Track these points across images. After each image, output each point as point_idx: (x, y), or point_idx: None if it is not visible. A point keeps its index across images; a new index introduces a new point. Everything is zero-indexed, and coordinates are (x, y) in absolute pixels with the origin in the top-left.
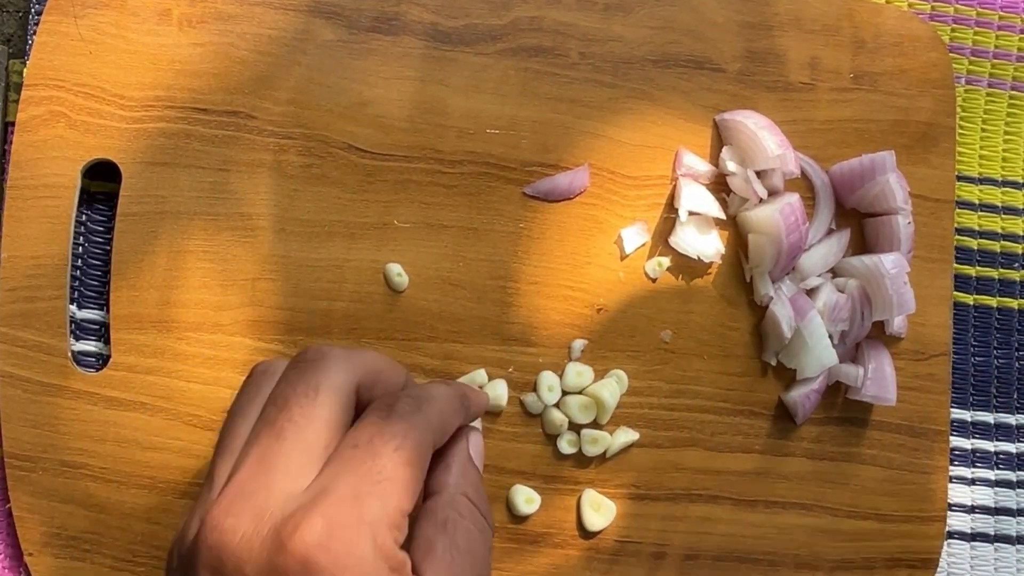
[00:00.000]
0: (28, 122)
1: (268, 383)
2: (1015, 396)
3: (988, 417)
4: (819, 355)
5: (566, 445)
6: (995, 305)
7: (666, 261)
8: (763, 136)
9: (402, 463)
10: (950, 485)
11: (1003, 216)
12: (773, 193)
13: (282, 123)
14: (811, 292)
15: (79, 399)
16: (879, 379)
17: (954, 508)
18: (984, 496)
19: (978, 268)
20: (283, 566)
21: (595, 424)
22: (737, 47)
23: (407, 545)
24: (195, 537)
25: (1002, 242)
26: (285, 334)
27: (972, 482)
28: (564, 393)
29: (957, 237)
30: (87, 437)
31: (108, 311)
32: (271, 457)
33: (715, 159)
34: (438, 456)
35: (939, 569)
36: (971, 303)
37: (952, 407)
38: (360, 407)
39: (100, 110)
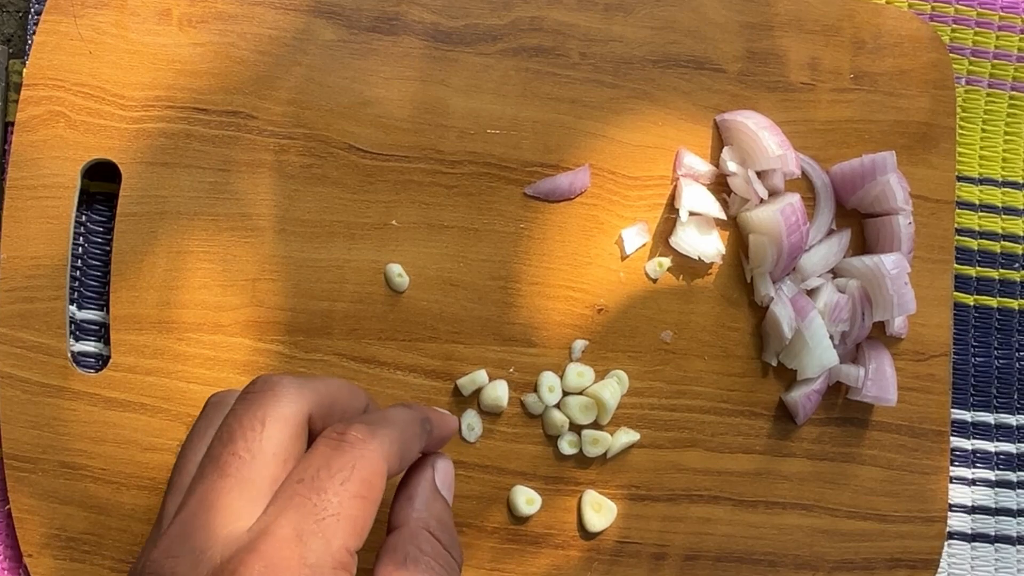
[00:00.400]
0: (28, 122)
1: (219, 416)
2: (1015, 396)
3: (988, 417)
4: (820, 356)
5: (567, 446)
6: (995, 305)
7: (667, 261)
8: (764, 136)
9: (349, 497)
10: (950, 485)
11: (1003, 216)
12: (774, 193)
13: (282, 123)
14: (812, 292)
15: (79, 400)
16: (879, 380)
17: (954, 508)
18: (984, 496)
19: (978, 268)
20: None
21: (596, 425)
22: (738, 47)
23: None
24: None
25: (1002, 242)
26: (285, 335)
27: (972, 482)
28: (565, 394)
29: (957, 237)
30: (87, 438)
31: (108, 312)
32: (214, 495)
33: (716, 159)
34: (402, 487)
35: (940, 569)
36: (971, 303)
37: (952, 407)
38: (316, 436)
39: (100, 110)
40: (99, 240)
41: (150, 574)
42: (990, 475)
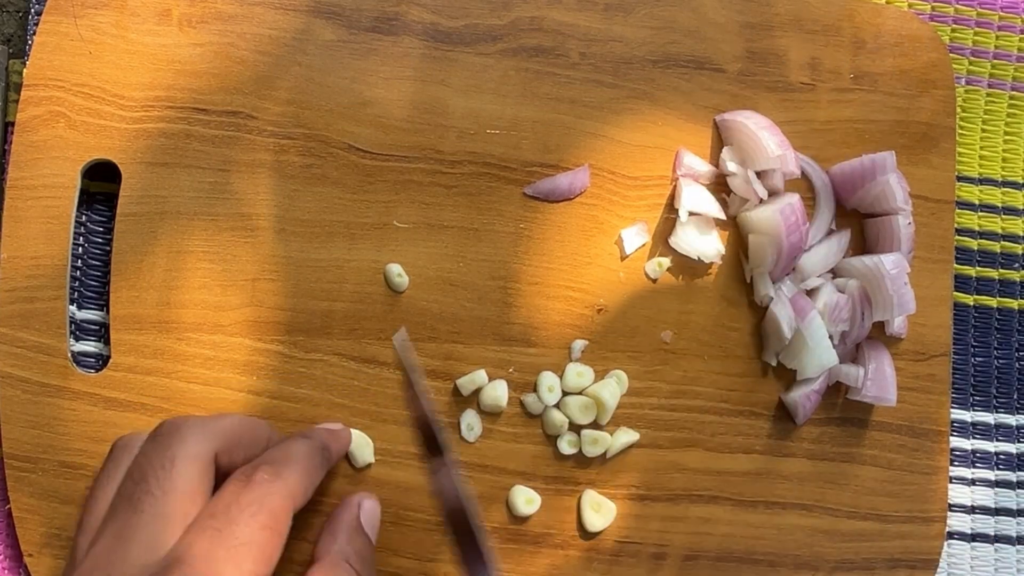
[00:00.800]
0: (28, 122)
1: (127, 458)
2: (1015, 396)
3: (988, 417)
4: (819, 356)
5: (566, 446)
6: (995, 305)
7: (666, 261)
8: (763, 136)
9: (258, 527)
10: (950, 485)
11: (1003, 216)
12: (773, 193)
13: (282, 123)
14: (811, 292)
15: (79, 400)
16: (879, 380)
17: (954, 508)
18: (984, 496)
19: (978, 268)
20: None
21: (595, 425)
22: (737, 47)
23: None
24: None
25: (1002, 242)
26: (285, 334)
27: (972, 482)
28: (564, 393)
29: (957, 237)
30: (87, 438)
31: (108, 312)
32: (128, 530)
33: (715, 159)
34: (327, 524)
35: (939, 569)
36: (971, 303)
37: (952, 407)
38: (221, 473)
39: (100, 110)
40: (99, 240)
41: None
42: (990, 475)
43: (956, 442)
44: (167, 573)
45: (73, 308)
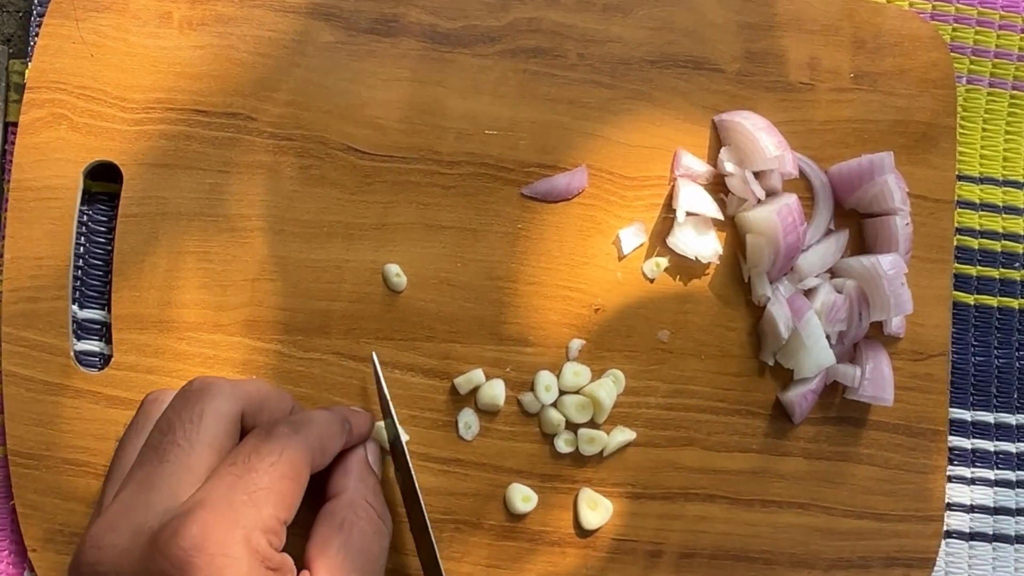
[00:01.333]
0: (30, 124)
1: (157, 412)
2: (1015, 396)
3: (988, 417)
4: (816, 355)
5: (563, 444)
6: (996, 305)
7: (664, 261)
8: (761, 137)
9: (278, 476)
10: (949, 485)
11: (1004, 216)
12: (771, 194)
13: (281, 125)
14: (809, 292)
15: (81, 398)
16: (876, 379)
17: (953, 508)
18: (983, 496)
19: (979, 268)
20: (159, 571)
21: (592, 424)
22: (736, 47)
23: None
24: (76, 557)
25: (1003, 242)
26: (284, 334)
27: (971, 482)
28: (561, 392)
29: (958, 237)
30: (89, 435)
31: (109, 311)
32: (153, 477)
33: (713, 160)
34: (337, 463)
35: (938, 568)
36: (972, 303)
37: (952, 407)
38: (245, 434)
39: (102, 112)
40: (101, 240)
41: (92, 547)
42: (989, 474)
43: (956, 441)
44: (188, 515)
45: (75, 308)
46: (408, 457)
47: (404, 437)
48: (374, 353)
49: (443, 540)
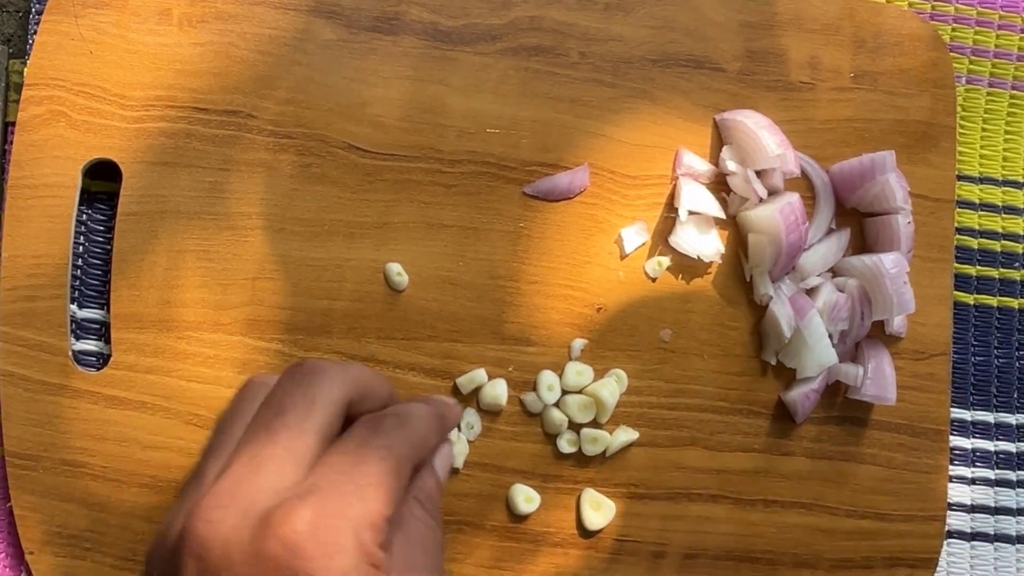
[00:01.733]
0: (29, 122)
1: (263, 393)
2: (1015, 396)
3: (988, 417)
4: (819, 354)
5: (566, 444)
6: (995, 304)
7: (666, 261)
8: (763, 136)
9: (386, 472)
10: (950, 484)
11: (1004, 215)
12: (773, 193)
13: (282, 123)
14: (811, 292)
15: (80, 398)
16: (879, 379)
17: (954, 507)
18: (984, 496)
19: (979, 268)
20: (270, 552)
21: (595, 423)
22: (737, 46)
23: None
24: (182, 529)
25: (1003, 241)
26: (285, 333)
27: (972, 481)
28: (564, 392)
29: (958, 236)
30: (88, 436)
31: (108, 310)
32: (263, 457)
33: (715, 159)
34: None
35: (939, 568)
36: (971, 303)
37: (952, 407)
38: (347, 419)
39: (101, 110)
40: (100, 239)
41: (201, 521)
42: (990, 474)
43: (956, 441)
44: (303, 499)
45: (74, 307)
46: None
47: None
48: None
49: (445, 541)
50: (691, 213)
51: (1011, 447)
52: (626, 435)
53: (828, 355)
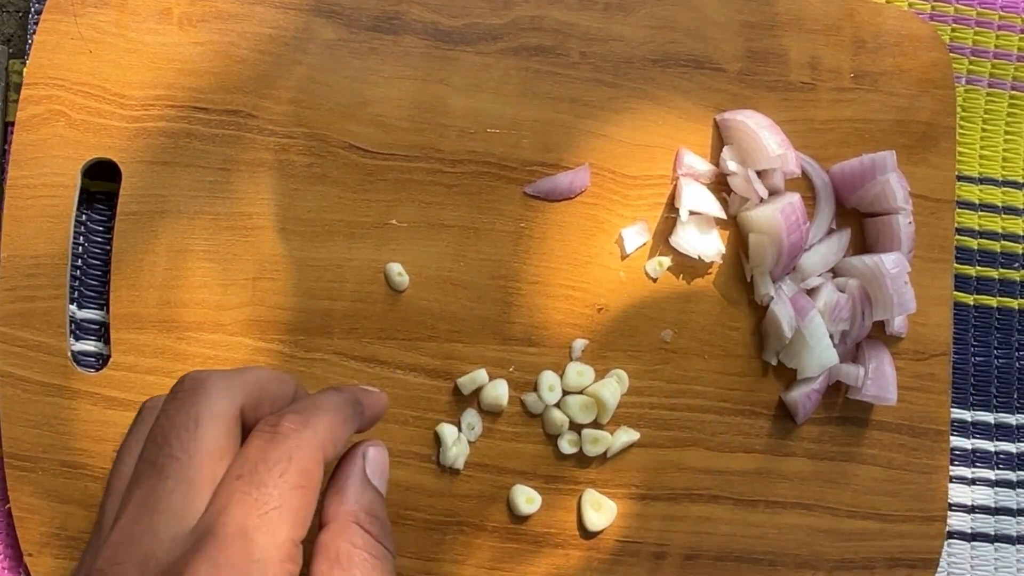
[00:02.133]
0: (28, 121)
1: (152, 419)
2: (1015, 396)
3: (988, 417)
4: (820, 355)
5: (567, 445)
6: (995, 305)
7: (667, 261)
8: (764, 136)
9: (289, 488)
10: (950, 485)
11: (1003, 216)
12: (774, 193)
13: (283, 122)
14: (812, 292)
15: (79, 399)
16: (879, 379)
17: (954, 508)
18: (984, 496)
19: (978, 268)
20: None
21: (596, 424)
22: (738, 47)
23: None
24: None
25: (1002, 242)
26: (286, 334)
27: (972, 482)
28: (565, 393)
29: (957, 237)
30: (87, 437)
31: (108, 311)
32: (154, 499)
33: (716, 159)
34: (332, 479)
35: (939, 569)
36: (971, 303)
37: (952, 407)
38: (248, 427)
39: (100, 109)
40: (99, 239)
41: None
42: (990, 474)
43: (956, 441)
44: (199, 549)
45: (73, 307)
46: None
47: None
48: None
49: (446, 542)
50: (692, 213)
51: (1011, 447)
52: (627, 436)
53: (829, 355)
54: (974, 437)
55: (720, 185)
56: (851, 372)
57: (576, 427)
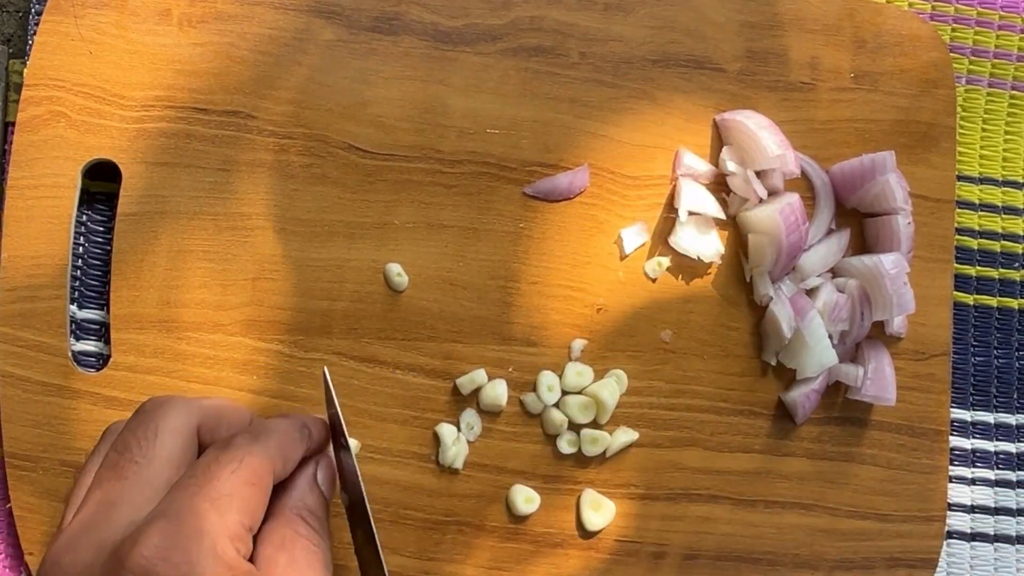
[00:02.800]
0: (28, 122)
1: (114, 437)
2: (1015, 396)
3: (988, 417)
4: (819, 355)
5: (566, 445)
6: (995, 305)
7: (666, 261)
8: (763, 136)
9: (240, 482)
10: (950, 485)
11: (1003, 216)
12: (773, 193)
13: (282, 123)
14: (811, 292)
15: (79, 399)
16: (879, 379)
17: (954, 508)
18: (984, 496)
19: (978, 268)
20: None
21: (595, 424)
22: (737, 47)
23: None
24: (40, 573)
25: (1002, 242)
26: (285, 334)
27: (972, 482)
28: (564, 393)
29: (957, 237)
30: (87, 437)
31: (108, 311)
32: (112, 495)
33: (715, 159)
34: (283, 480)
35: (939, 569)
36: (971, 303)
37: (952, 407)
38: (204, 447)
39: (100, 110)
40: (99, 240)
41: (50, 567)
42: (990, 474)
43: (956, 441)
44: (150, 525)
45: (74, 307)
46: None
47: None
48: (325, 369)
49: (445, 542)
50: (691, 213)
51: (1011, 447)
52: (626, 436)
53: (828, 355)
54: (974, 437)
55: (719, 185)
56: (850, 372)
57: (575, 427)
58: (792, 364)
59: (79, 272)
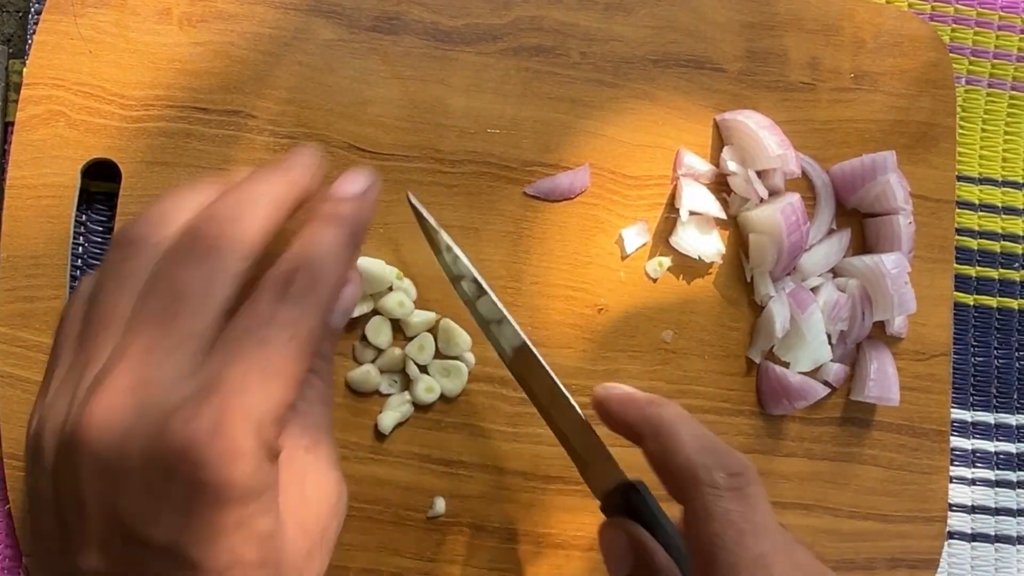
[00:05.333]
0: (28, 121)
1: (146, 255)
2: (1015, 396)
3: (988, 417)
4: (815, 350)
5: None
6: (995, 305)
7: (667, 261)
8: (764, 136)
9: (292, 357)
10: (950, 485)
11: (1003, 216)
12: (774, 193)
13: (282, 122)
14: (812, 292)
15: None
16: (882, 380)
17: (955, 508)
18: (985, 496)
19: (978, 268)
20: (168, 456)
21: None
22: (738, 47)
23: None
24: (76, 427)
25: (1002, 242)
26: None
27: (972, 482)
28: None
29: (957, 237)
30: None
31: None
32: (162, 347)
33: (716, 159)
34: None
35: (940, 569)
36: (971, 303)
37: (952, 407)
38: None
39: (100, 109)
40: (99, 240)
41: (96, 417)
42: (990, 475)
43: (956, 442)
44: (203, 398)
45: None
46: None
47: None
48: (409, 193)
49: (446, 543)
50: (692, 213)
51: (1011, 448)
52: None
53: (823, 352)
54: (974, 437)
55: (720, 185)
56: (832, 369)
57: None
58: (787, 357)
59: (79, 272)
